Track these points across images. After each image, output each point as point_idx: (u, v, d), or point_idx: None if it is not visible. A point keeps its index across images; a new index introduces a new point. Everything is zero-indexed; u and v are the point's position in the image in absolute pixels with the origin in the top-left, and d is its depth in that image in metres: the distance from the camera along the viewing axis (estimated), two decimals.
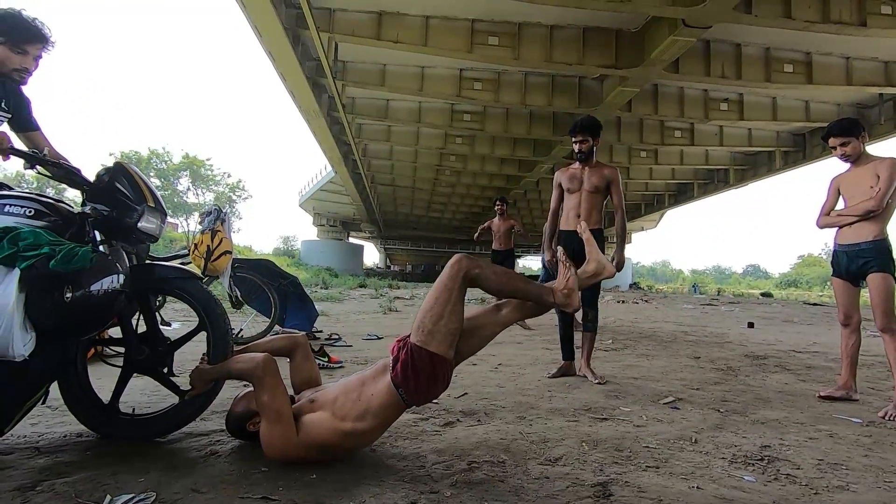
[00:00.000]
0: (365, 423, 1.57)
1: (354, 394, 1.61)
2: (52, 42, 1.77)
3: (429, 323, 1.59)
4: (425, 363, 1.57)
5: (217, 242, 3.51)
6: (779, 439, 2.04)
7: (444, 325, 1.60)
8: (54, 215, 1.64)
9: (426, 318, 1.60)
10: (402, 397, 1.59)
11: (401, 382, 1.57)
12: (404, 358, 1.58)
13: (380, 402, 1.58)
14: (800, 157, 15.76)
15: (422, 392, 1.61)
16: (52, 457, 1.57)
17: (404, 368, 1.57)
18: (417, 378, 1.58)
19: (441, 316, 1.60)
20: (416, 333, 1.60)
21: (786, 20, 8.41)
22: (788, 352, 4.36)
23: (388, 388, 1.59)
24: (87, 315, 1.52)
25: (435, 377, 1.61)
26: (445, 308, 1.61)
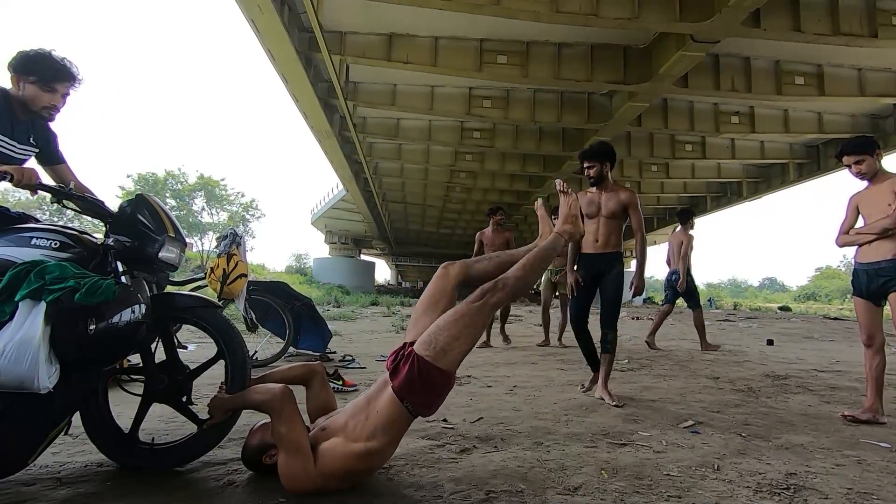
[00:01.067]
0: (376, 441, 1.57)
1: (363, 414, 1.62)
2: (79, 80, 1.84)
3: (444, 341, 1.59)
4: (435, 379, 1.58)
5: (233, 266, 3.55)
6: (805, 466, 1.99)
7: (458, 346, 1.61)
8: (78, 247, 1.69)
9: (442, 335, 1.60)
10: (409, 409, 1.59)
11: (406, 395, 1.57)
12: (409, 371, 1.58)
13: (387, 417, 1.58)
14: (814, 169, 15.56)
15: (430, 405, 1.63)
16: (73, 487, 1.59)
17: (410, 382, 1.57)
18: (426, 392, 1.59)
19: (458, 338, 1.61)
20: (426, 348, 1.59)
21: (795, 33, 8.38)
22: (810, 371, 4.25)
23: (392, 401, 1.59)
24: (110, 346, 1.54)
25: (443, 391, 1.63)
26: (465, 332, 1.62)
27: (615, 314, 3.08)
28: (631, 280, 3.08)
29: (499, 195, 21.28)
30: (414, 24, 9.67)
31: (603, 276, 3.11)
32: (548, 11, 7.91)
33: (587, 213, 3.20)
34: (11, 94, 1.78)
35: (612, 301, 3.07)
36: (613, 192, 3.14)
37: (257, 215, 30.69)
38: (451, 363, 1.61)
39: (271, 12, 8.06)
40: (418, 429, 2.34)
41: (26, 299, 1.44)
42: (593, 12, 7.94)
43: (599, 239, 3.13)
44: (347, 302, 15.76)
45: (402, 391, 1.57)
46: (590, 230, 3.18)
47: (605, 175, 3.15)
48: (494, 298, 1.66)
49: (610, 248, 3.13)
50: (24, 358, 1.38)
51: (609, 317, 3.06)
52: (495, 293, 1.66)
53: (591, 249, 3.17)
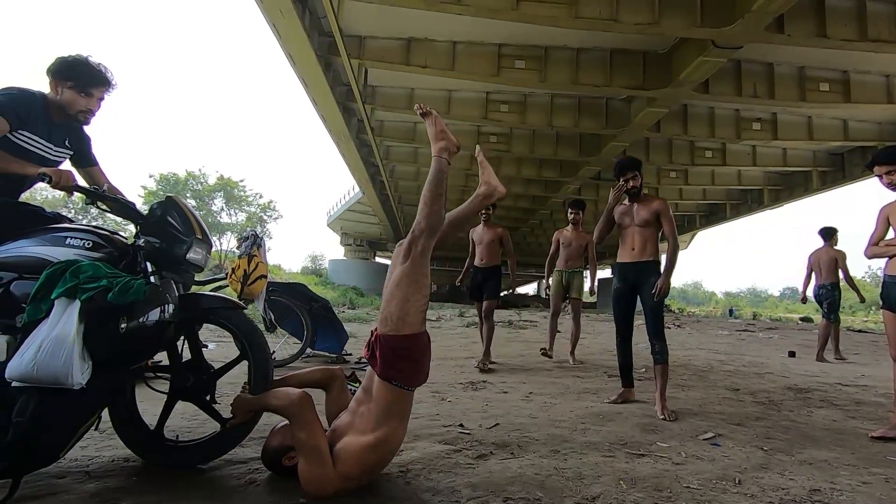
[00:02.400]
0: (383, 428, 1.61)
1: (363, 407, 1.67)
2: (114, 85, 1.90)
3: (396, 311, 1.63)
4: (407, 347, 1.63)
5: (253, 267, 3.62)
6: (829, 483, 1.95)
7: (412, 306, 1.65)
8: (110, 247, 1.74)
9: (392, 306, 1.64)
10: (399, 386, 1.63)
11: (392, 375, 1.62)
12: (382, 352, 1.63)
13: (384, 403, 1.62)
14: (839, 178, 15.21)
15: (416, 372, 1.67)
16: (101, 481, 1.63)
17: (388, 362, 1.62)
18: (405, 363, 1.63)
19: (407, 299, 1.65)
20: (385, 325, 1.64)
21: (821, 39, 8.22)
22: (834, 385, 4.15)
23: (383, 386, 1.63)
24: (140, 344, 1.59)
25: (421, 355, 1.67)
26: (411, 288, 1.66)
27: (660, 324, 3.07)
28: (658, 281, 3.05)
29: (514, 200, 21.24)
30: (432, 28, 9.73)
31: (641, 286, 3.12)
32: (566, 16, 7.89)
33: (621, 223, 3.24)
34: (49, 98, 1.84)
35: (654, 311, 3.05)
36: (646, 202, 3.18)
37: (275, 216, 31.11)
38: (413, 324, 1.65)
39: (292, 16, 8.19)
40: (435, 433, 2.35)
41: (62, 297, 1.49)
42: (613, 17, 7.90)
43: (635, 247, 3.17)
44: (362, 304, 15.85)
45: (385, 373, 1.63)
46: (625, 240, 3.22)
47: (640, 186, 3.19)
48: (419, 247, 1.70)
49: (646, 256, 3.14)
50: (60, 354, 1.42)
51: (654, 327, 3.06)
52: (417, 242, 1.71)
53: (627, 258, 3.20)
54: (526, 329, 9.07)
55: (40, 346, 1.42)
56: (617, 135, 12.34)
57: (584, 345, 7.13)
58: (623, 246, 3.23)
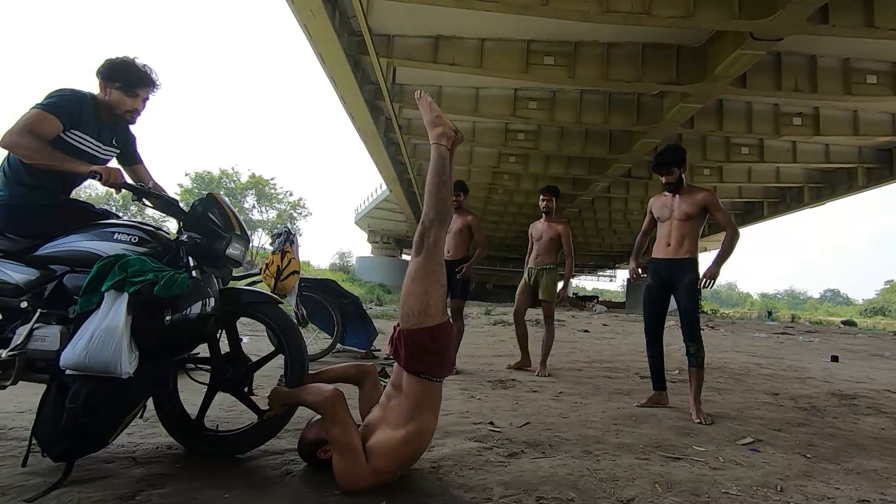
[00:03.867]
0: (415, 422, 1.62)
1: (394, 401, 1.68)
2: (159, 86, 1.97)
3: (416, 305, 1.63)
4: (428, 338, 1.63)
5: (286, 263, 3.69)
6: (879, 493, 1.86)
7: (431, 298, 1.65)
8: (154, 242, 1.81)
9: (412, 301, 1.64)
10: (427, 378, 1.64)
11: (419, 368, 1.63)
12: (406, 347, 1.64)
13: (414, 396, 1.64)
14: (886, 175, 14.46)
15: (441, 364, 1.68)
16: (147, 467, 1.70)
17: (414, 355, 1.63)
18: (430, 355, 1.64)
19: (426, 291, 1.65)
20: (406, 320, 1.65)
21: (868, 29, 7.82)
22: (882, 392, 3.96)
23: (411, 380, 1.65)
24: (183, 336, 1.64)
25: (446, 343, 1.68)
26: (428, 280, 1.65)
27: (696, 325, 2.95)
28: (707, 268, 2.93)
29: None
30: (460, 26, 9.71)
31: (675, 285, 2.99)
32: (598, 11, 7.75)
33: (659, 216, 3.12)
34: (98, 98, 1.92)
35: (690, 311, 2.95)
36: (689, 193, 3.02)
37: (304, 214, 31.75)
38: (435, 315, 1.65)
39: (323, 17, 8.32)
40: (465, 430, 2.36)
41: (111, 290, 1.55)
42: (645, 11, 7.71)
43: (671, 243, 3.02)
44: (389, 301, 16.00)
45: (412, 366, 1.64)
46: (662, 234, 3.08)
47: (681, 179, 3.05)
48: (431, 238, 1.69)
49: (682, 253, 2.98)
50: (110, 345, 1.49)
51: (690, 329, 2.95)
52: (428, 233, 1.69)
53: (661, 254, 3.06)
54: None
55: (92, 336, 1.49)
56: (648, 131, 12.06)
57: (614, 344, 7.02)
58: (658, 241, 3.10)
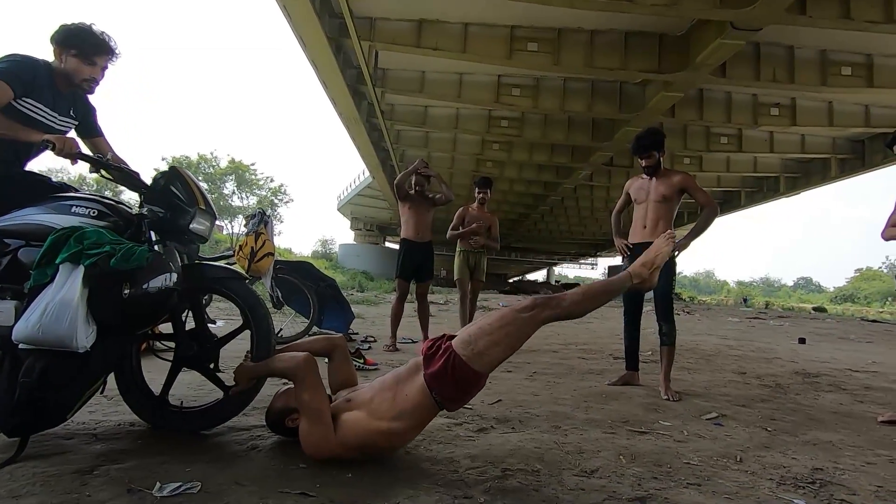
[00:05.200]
0: (401, 423, 1.59)
1: (390, 393, 1.63)
2: (118, 54, 1.90)
3: (482, 346, 1.57)
4: (467, 377, 1.57)
5: (260, 244, 3.64)
6: (833, 462, 1.93)
7: (497, 352, 1.59)
8: (115, 216, 1.76)
9: (482, 339, 1.57)
10: (436, 399, 1.59)
11: (435, 386, 1.57)
12: (443, 364, 1.57)
13: (414, 402, 1.59)
14: (858, 165, 14.83)
15: (457, 400, 1.64)
16: (108, 443, 1.67)
17: (442, 375, 1.57)
18: (456, 387, 1.58)
19: (498, 344, 1.58)
20: (465, 347, 1.57)
21: (844, 20, 7.95)
22: (844, 370, 4.10)
23: (422, 389, 1.59)
24: (143, 310, 1.61)
25: (472, 390, 1.63)
26: (506, 340, 1.59)
27: (669, 306, 3.02)
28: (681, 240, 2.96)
29: (525, 185, 21.11)
30: (444, 10, 9.59)
31: None
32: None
33: (636, 198, 3.17)
34: (54, 66, 1.85)
35: (663, 292, 3.00)
36: (666, 176, 3.07)
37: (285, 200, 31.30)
38: (486, 366, 1.59)
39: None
40: None
41: (66, 262, 1.51)
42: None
43: (647, 225, 3.06)
44: (371, 288, 15.96)
45: (433, 382, 1.57)
46: (638, 216, 3.13)
47: (660, 162, 3.08)
48: (545, 314, 1.61)
49: (657, 235, 3.01)
50: (64, 318, 1.45)
51: (663, 310, 3.01)
52: (546, 309, 1.61)
53: (638, 238, 3.10)
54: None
55: (45, 309, 1.45)
56: (631, 120, 12.13)
57: (592, 329, 7.12)
58: (634, 224, 3.14)
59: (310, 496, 1.37)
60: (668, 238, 1.82)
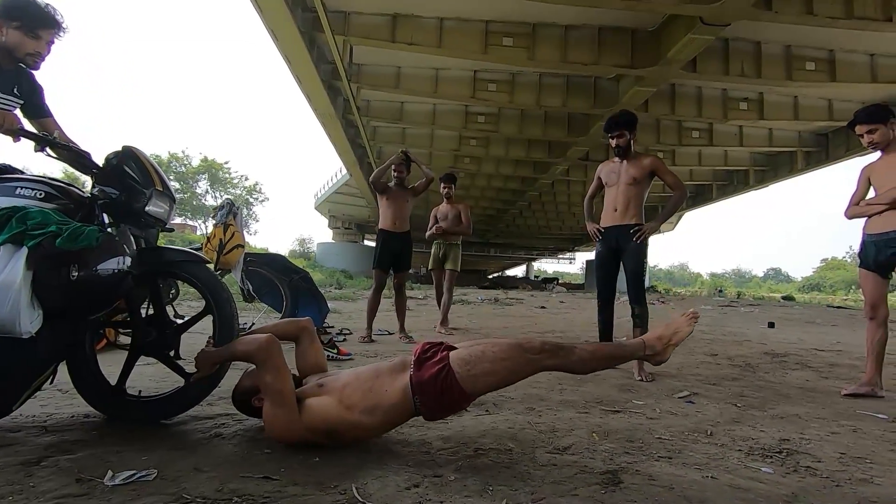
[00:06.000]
0: (373, 418, 1.54)
1: (367, 384, 1.57)
2: (64, 28, 1.80)
3: (479, 371, 1.52)
4: (454, 395, 1.53)
5: (229, 236, 3.53)
6: (799, 434, 1.96)
7: (490, 382, 1.55)
8: (64, 198, 1.66)
9: (482, 364, 1.52)
10: (416, 404, 1.54)
11: (419, 392, 1.52)
12: (435, 374, 1.51)
13: (392, 401, 1.54)
14: (823, 158, 15.34)
15: (436, 412, 1.59)
16: (59, 435, 1.59)
17: (430, 384, 1.51)
18: (440, 400, 1.53)
19: (495, 375, 1.53)
20: (461, 365, 1.52)
21: (808, 16, 8.20)
22: (811, 350, 4.22)
23: (403, 390, 1.54)
24: (93, 294, 1.53)
25: (454, 408, 1.60)
26: (503, 374, 1.55)
27: (641, 288, 3.03)
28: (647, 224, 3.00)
29: (503, 181, 21.18)
30: (419, 4, 9.53)
31: (623, 249, 3.05)
32: None
33: (607, 181, 3.18)
34: None
35: (635, 274, 3.02)
36: (636, 159, 3.09)
37: (261, 199, 30.79)
38: (475, 391, 1.55)
39: None
40: None
41: (7, 244, 1.42)
42: None
43: (618, 208, 3.08)
44: (350, 285, 15.81)
45: (419, 387, 1.52)
46: (609, 199, 3.14)
47: (630, 144, 3.09)
48: (550, 362, 1.56)
49: (629, 219, 3.05)
50: (6, 302, 1.37)
51: (636, 292, 3.02)
52: (554, 358, 1.56)
53: (609, 221, 3.12)
54: (512, 305, 9.12)
55: None
56: (605, 115, 12.20)
57: (569, 318, 7.20)
58: (606, 207, 3.16)
59: (272, 479, 1.32)
60: (690, 318, 1.73)
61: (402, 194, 4.44)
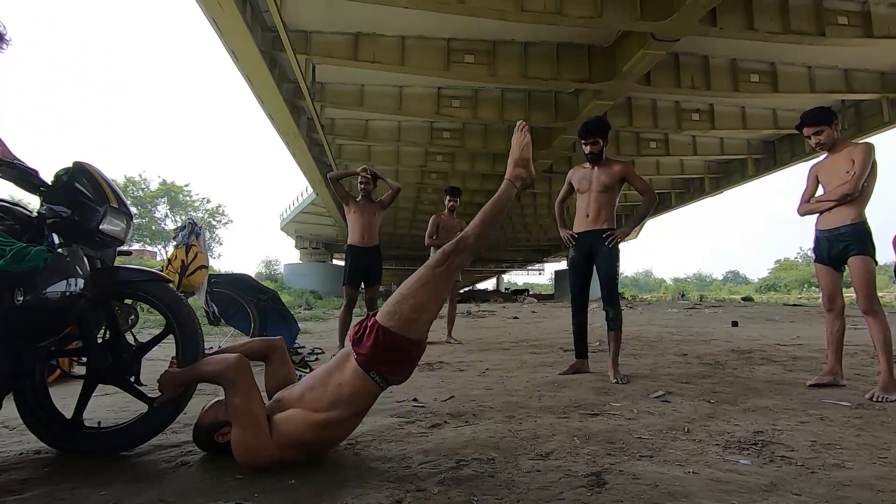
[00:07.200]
0: (338, 411, 1.50)
1: (321, 387, 1.54)
2: (7, 40, 1.70)
3: (409, 311, 1.52)
4: (403, 347, 1.52)
5: (192, 257, 3.41)
6: (771, 425, 2.01)
7: (425, 313, 1.55)
8: (9, 219, 1.56)
9: (406, 304, 1.52)
10: (376, 379, 1.52)
11: (372, 366, 1.50)
12: (374, 342, 1.50)
13: (351, 389, 1.51)
14: (771, 164, 16.19)
15: (399, 372, 1.57)
16: (5, 475, 1.45)
17: (375, 353, 1.50)
18: (394, 361, 1.53)
19: (423, 305, 1.54)
20: (391, 318, 1.52)
21: (749, 32, 8.71)
22: (774, 345, 4.38)
23: (356, 373, 1.51)
24: (41, 319, 1.42)
25: (413, 359, 1.58)
26: (430, 298, 1.55)
27: (614, 290, 3.07)
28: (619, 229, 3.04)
29: (470, 195, 21.31)
30: (380, 23, 9.61)
31: (595, 253, 3.09)
32: (513, 10, 7.98)
33: (579, 188, 3.20)
34: None
35: (608, 278, 3.05)
36: (607, 165, 3.13)
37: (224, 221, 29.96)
38: (420, 331, 1.55)
39: (232, 10, 7.83)
40: (387, 407, 2.27)
41: None
42: (557, 11, 8.05)
43: (590, 214, 3.11)
44: (319, 305, 15.48)
45: (367, 362, 1.50)
46: (581, 206, 3.17)
47: (603, 151, 3.14)
48: (458, 259, 1.59)
49: (601, 224, 3.08)
50: None
51: (609, 294, 3.05)
52: (458, 254, 1.59)
53: (581, 227, 3.15)
54: (484, 318, 9.12)
55: None
56: (566, 127, 12.61)
57: (541, 327, 7.25)
58: (578, 213, 3.19)
59: None
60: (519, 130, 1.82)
61: (369, 208, 4.39)
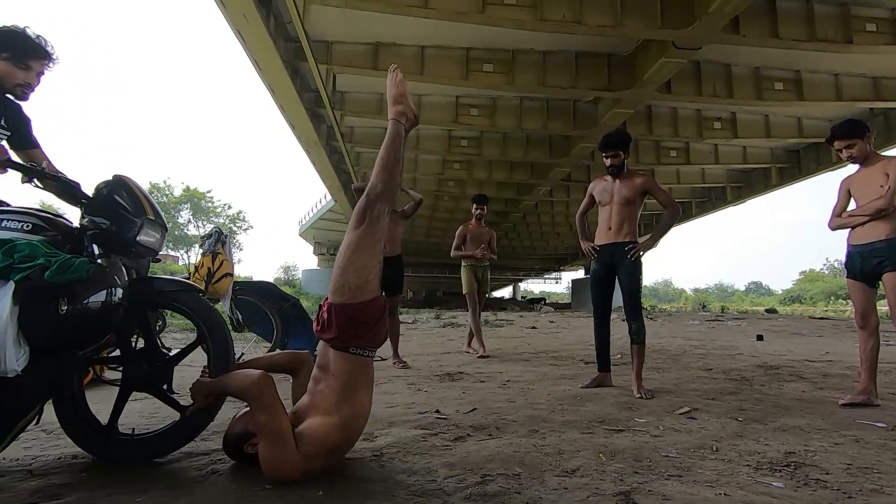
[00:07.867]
0: (348, 403, 1.55)
1: (321, 386, 1.59)
2: (54, 59, 1.78)
3: (354, 279, 1.57)
4: (365, 311, 1.57)
5: (218, 265, 3.48)
6: (803, 446, 1.96)
7: (371, 273, 1.59)
8: (53, 230, 1.61)
9: (349, 275, 1.57)
10: (360, 353, 1.58)
11: (347, 343, 1.57)
12: (337, 322, 1.56)
13: (345, 375, 1.56)
14: (795, 173, 15.84)
15: (376, 334, 1.62)
16: (45, 479, 1.50)
17: (343, 330, 1.56)
18: (363, 329, 1.58)
19: (364, 267, 1.59)
20: (341, 294, 1.57)
21: (773, 39, 8.57)
22: (802, 361, 4.26)
23: (342, 358, 1.57)
24: (84, 328, 1.47)
25: (379, 315, 1.62)
26: (366, 258, 1.60)
27: (637, 304, 3.04)
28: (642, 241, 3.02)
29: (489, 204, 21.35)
30: (399, 33, 9.73)
31: (618, 266, 3.07)
32: (532, 19, 8.00)
33: (600, 200, 3.19)
34: None
35: (631, 291, 3.02)
36: (629, 178, 3.11)
37: (245, 227, 30.49)
38: (372, 290, 1.60)
39: (257, 21, 8.03)
40: (411, 420, 2.28)
41: None
42: (577, 20, 8.04)
43: (612, 227, 3.09)
44: None
45: (340, 342, 1.57)
46: (603, 218, 3.16)
47: (624, 163, 3.13)
48: (375, 211, 1.62)
49: (623, 237, 3.06)
50: None
51: (632, 308, 3.02)
52: (373, 206, 1.62)
53: (604, 240, 3.13)
54: (502, 327, 9.07)
55: None
56: (585, 136, 12.55)
57: (560, 337, 7.18)
58: (600, 226, 3.17)
59: None
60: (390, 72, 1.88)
61: (392, 218, 4.35)
